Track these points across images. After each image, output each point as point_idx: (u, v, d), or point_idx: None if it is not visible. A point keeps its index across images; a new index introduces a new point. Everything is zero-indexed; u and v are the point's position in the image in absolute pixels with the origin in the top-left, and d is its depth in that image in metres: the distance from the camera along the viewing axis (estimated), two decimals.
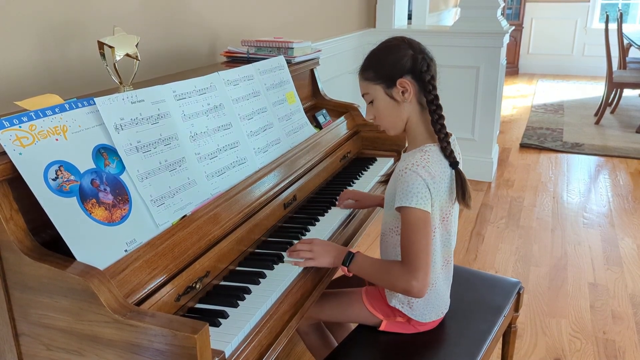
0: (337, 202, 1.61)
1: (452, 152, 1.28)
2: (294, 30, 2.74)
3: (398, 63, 1.27)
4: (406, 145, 1.38)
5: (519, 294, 1.60)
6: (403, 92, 1.28)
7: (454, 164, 1.28)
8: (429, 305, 1.36)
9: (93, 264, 0.93)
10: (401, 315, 1.38)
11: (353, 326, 1.49)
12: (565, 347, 2.13)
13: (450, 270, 1.41)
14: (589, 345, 2.14)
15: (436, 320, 1.41)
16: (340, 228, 1.51)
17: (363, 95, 1.36)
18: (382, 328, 1.39)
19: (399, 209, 1.23)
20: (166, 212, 1.14)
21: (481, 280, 1.64)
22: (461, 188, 1.28)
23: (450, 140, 1.29)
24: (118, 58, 1.32)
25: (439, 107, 1.27)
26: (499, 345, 1.64)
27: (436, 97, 1.27)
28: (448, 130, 1.31)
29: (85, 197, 1.00)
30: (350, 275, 1.30)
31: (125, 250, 1.02)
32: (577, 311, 2.37)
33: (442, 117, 1.27)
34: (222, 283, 1.20)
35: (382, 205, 1.52)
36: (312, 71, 2.06)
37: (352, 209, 1.61)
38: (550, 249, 2.94)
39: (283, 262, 1.29)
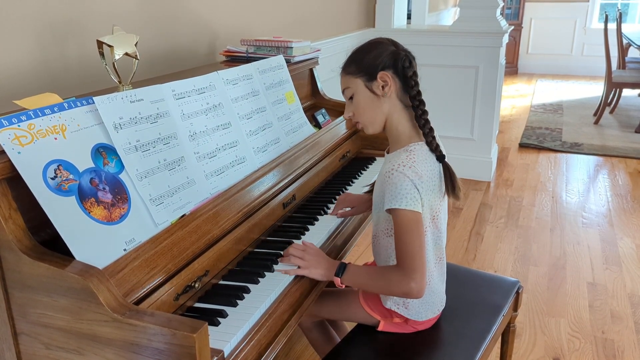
0: (330, 211, 1.56)
1: (437, 145, 1.28)
2: (294, 30, 2.74)
3: (379, 57, 1.28)
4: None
5: (517, 293, 1.60)
6: (383, 87, 1.28)
7: (440, 157, 1.28)
8: (424, 303, 1.36)
9: (92, 263, 0.93)
10: (398, 316, 1.38)
11: (352, 325, 1.49)
12: (564, 347, 2.14)
13: (444, 267, 1.41)
14: (587, 345, 2.15)
15: (433, 318, 1.41)
16: (339, 228, 1.51)
17: (343, 91, 1.35)
18: (380, 328, 1.39)
19: (389, 211, 1.22)
20: (165, 211, 1.14)
21: (480, 280, 1.64)
22: (450, 181, 1.28)
23: (433, 132, 1.29)
24: (117, 57, 1.31)
25: (422, 102, 1.28)
26: (498, 344, 1.64)
27: (419, 92, 1.27)
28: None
29: (84, 196, 1.00)
30: (343, 287, 1.28)
31: (124, 250, 1.02)
32: (576, 311, 2.37)
33: (425, 112, 1.27)
34: (221, 282, 1.20)
35: None
36: (311, 71, 2.06)
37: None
38: (549, 248, 2.94)
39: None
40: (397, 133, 1.31)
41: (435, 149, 1.28)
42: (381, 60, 1.28)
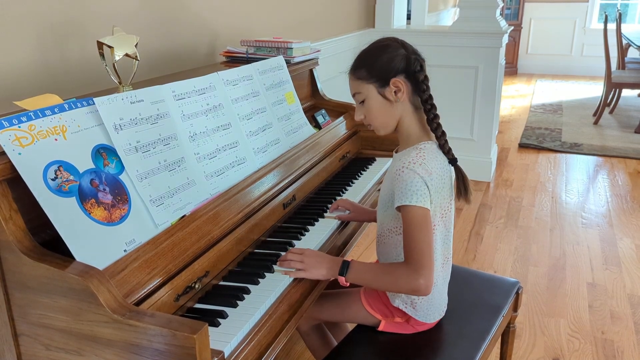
0: (329, 210, 1.56)
1: (450, 149, 1.29)
2: (293, 30, 2.74)
3: (391, 62, 1.27)
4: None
5: (517, 293, 1.61)
6: (396, 92, 1.27)
7: (452, 160, 1.29)
8: (431, 305, 1.36)
9: (92, 264, 0.93)
10: (400, 316, 1.38)
11: (352, 326, 1.49)
12: (564, 347, 2.14)
13: (449, 268, 1.41)
14: (587, 345, 2.15)
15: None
16: (339, 228, 1.51)
17: (354, 95, 1.34)
18: (380, 328, 1.39)
19: (399, 208, 1.23)
20: (165, 212, 1.14)
21: (480, 280, 1.65)
22: (463, 184, 1.29)
23: (446, 138, 1.30)
24: (117, 58, 1.31)
25: (434, 106, 1.28)
26: (498, 344, 1.64)
27: (430, 97, 1.27)
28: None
29: (84, 197, 1.00)
30: (347, 285, 1.26)
31: (125, 250, 1.02)
32: (576, 311, 2.37)
33: (437, 116, 1.28)
34: (222, 283, 1.20)
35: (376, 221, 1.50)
36: (311, 71, 2.06)
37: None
38: (548, 248, 2.94)
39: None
40: (408, 134, 1.32)
41: (447, 152, 1.29)
42: (393, 66, 1.26)
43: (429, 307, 1.36)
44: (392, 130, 1.34)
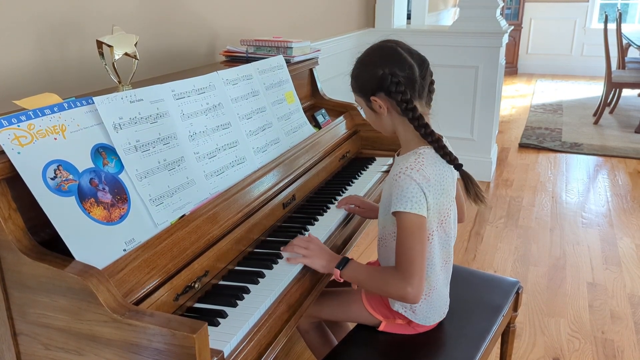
0: (337, 204, 1.57)
1: (451, 153, 1.27)
2: (293, 30, 2.74)
3: (369, 81, 1.28)
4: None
5: (517, 293, 1.60)
6: (380, 107, 1.29)
7: (457, 166, 1.27)
8: (431, 308, 1.36)
9: (92, 263, 0.93)
10: (401, 318, 1.38)
11: (352, 325, 1.49)
12: (564, 347, 2.14)
13: (450, 269, 1.41)
14: (587, 345, 2.15)
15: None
16: (339, 227, 1.51)
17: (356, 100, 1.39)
18: (381, 329, 1.39)
19: (394, 213, 1.22)
20: (165, 211, 1.14)
21: (480, 280, 1.64)
22: (473, 189, 1.28)
23: (442, 143, 1.27)
24: (117, 57, 1.31)
25: (420, 118, 1.23)
26: (498, 344, 1.64)
27: (414, 112, 1.23)
28: (441, 131, 1.30)
29: (84, 196, 0.99)
30: (342, 280, 1.28)
31: (124, 250, 1.02)
32: (576, 311, 2.37)
33: (427, 127, 1.25)
34: (221, 282, 1.20)
35: None
36: (311, 71, 2.06)
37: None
38: (549, 248, 2.94)
39: (282, 261, 1.28)
40: (406, 138, 1.32)
41: (451, 159, 1.26)
42: (371, 85, 1.27)
43: (429, 310, 1.36)
44: (393, 132, 1.35)
